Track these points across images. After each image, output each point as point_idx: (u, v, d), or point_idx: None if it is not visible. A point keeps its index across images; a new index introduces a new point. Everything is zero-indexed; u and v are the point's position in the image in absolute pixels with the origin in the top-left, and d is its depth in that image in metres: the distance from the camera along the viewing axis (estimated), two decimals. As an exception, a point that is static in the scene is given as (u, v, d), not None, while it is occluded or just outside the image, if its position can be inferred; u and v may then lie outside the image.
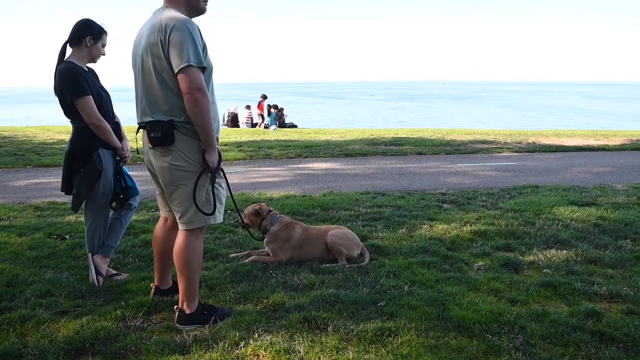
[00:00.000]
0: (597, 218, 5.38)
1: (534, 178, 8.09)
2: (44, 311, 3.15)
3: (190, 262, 2.93)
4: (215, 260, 4.14)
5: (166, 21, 2.69)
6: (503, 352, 2.70)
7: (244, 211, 4.21)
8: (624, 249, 4.42)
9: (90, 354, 2.70)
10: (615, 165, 9.47)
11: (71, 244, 4.50)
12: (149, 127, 2.81)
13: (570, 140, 13.34)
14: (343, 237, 4.14)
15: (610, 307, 3.29)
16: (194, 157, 2.82)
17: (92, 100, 3.45)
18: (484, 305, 3.22)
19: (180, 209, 2.90)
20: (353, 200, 6.35)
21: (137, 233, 4.83)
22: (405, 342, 2.76)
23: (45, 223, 5.24)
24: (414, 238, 4.70)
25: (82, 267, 3.89)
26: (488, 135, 14.54)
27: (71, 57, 3.57)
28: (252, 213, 4.16)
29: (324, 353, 2.68)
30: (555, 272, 3.86)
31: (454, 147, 11.81)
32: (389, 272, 3.80)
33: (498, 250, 4.40)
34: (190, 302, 2.99)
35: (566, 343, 2.80)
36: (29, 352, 2.67)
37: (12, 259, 4.11)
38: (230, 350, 2.71)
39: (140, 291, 3.45)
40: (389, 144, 12.35)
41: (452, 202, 6.30)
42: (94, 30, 3.57)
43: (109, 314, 3.10)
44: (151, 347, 2.73)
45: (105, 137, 3.53)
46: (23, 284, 3.58)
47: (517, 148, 11.83)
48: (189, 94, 2.67)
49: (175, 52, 2.65)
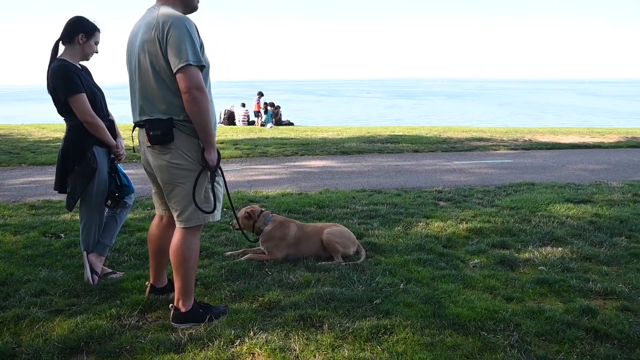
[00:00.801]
0: (592, 215, 5.39)
1: (529, 175, 8.11)
2: (39, 310, 3.13)
3: (186, 260, 2.92)
4: (211, 258, 4.13)
5: (163, 19, 2.67)
6: (498, 349, 2.71)
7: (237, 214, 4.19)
8: (619, 246, 4.43)
9: (85, 352, 2.69)
10: (611, 163, 9.50)
11: (66, 242, 4.48)
12: (147, 126, 2.79)
13: (566, 138, 13.37)
14: (339, 235, 4.14)
15: (605, 304, 3.30)
16: (193, 156, 2.81)
17: (85, 98, 3.43)
18: (480, 302, 3.23)
19: (179, 207, 2.89)
20: (349, 197, 6.35)
21: (132, 231, 4.82)
22: (400, 340, 2.76)
23: (40, 221, 5.22)
24: (410, 236, 4.71)
25: (77, 266, 3.87)
26: (484, 133, 14.57)
27: (64, 55, 3.54)
28: (244, 217, 4.13)
29: (319, 351, 2.67)
30: (551, 270, 3.87)
31: (450, 145, 11.83)
32: (385, 270, 3.80)
33: (494, 247, 4.41)
34: (186, 301, 2.98)
35: (561, 340, 2.80)
36: (23, 352, 2.66)
37: (6, 257, 4.09)
38: (225, 349, 2.70)
39: (135, 290, 3.44)
40: (385, 142, 12.36)
41: (448, 200, 6.31)
42: (87, 27, 3.55)
43: (104, 313, 3.08)
44: (146, 345, 2.72)
45: (99, 135, 3.51)
46: (17, 283, 3.57)
47: (513, 145, 11.85)
48: (188, 93, 2.65)
49: (173, 51, 2.63)
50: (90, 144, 3.50)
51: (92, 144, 3.51)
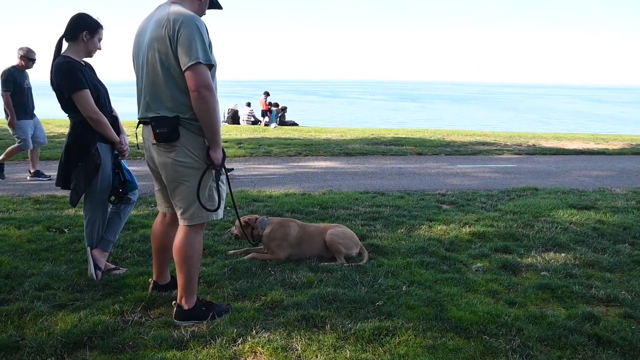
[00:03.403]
0: (595, 222, 5.38)
1: (533, 180, 8.09)
2: (42, 304, 3.15)
3: (190, 257, 2.93)
4: (214, 256, 4.14)
5: (174, 17, 2.68)
6: (500, 353, 2.71)
7: (236, 224, 4.16)
8: (622, 252, 4.42)
9: (88, 347, 2.70)
10: (615, 169, 9.48)
11: (70, 237, 4.50)
12: (154, 123, 2.80)
13: (570, 144, 13.34)
14: (342, 236, 4.14)
15: (608, 311, 3.29)
16: (198, 154, 2.82)
17: (89, 94, 3.45)
18: (482, 306, 3.23)
19: (183, 205, 2.90)
20: (352, 199, 6.35)
21: (136, 228, 4.83)
22: (402, 342, 2.77)
23: (44, 216, 5.24)
24: (413, 238, 4.71)
25: (80, 261, 3.89)
26: (488, 137, 14.54)
27: (67, 52, 3.56)
28: (243, 226, 4.03)
29: (321, 351, 2.68)
30: (553, 275, 3.86)
31: (454, 148, 11.81)
32: (388, 272, 3.80)
33: (496, 251, 4.40)
34: (189, 298, 2.99)
35: (563, 346, 2.80)
36: (27, 345, 2.67)
37: (10, 251, 4.10)
38: (227, 347, 2.71)
39: (138, 286, 3.46)
40: (389, 144, 12.34)
41: (452, 203, 6.30)
42: (90, 24, 3.56)
43: (107, 308, 3.10)
44: (149, 342, 2.74)
45: (103, 131, 3.53)
46: (21, 277, 3.58)
47: (517, 150, 11.83)
48: (197, 92, 2.66)
49: (183, 49, 2.64)
50: (94, 140, 3.52)
51: (95, 140, 3.52)
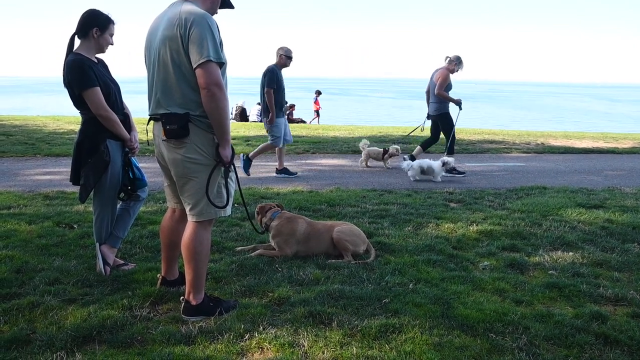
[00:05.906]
0: (604, 221, 5.35)
1: (541, 179, 8.05)
2: (52, 298, 3.19)
3: (198, 253, 2.96)
4: (221, 253, 4.17)
5: (186, 15, 2.71)
6: (506, 351, 2.71)
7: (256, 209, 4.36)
8: (630, 252, 4.40)
9: (97, 341, 2.74)
10: (625, 169, 9.40)
11: (79, 233, 4.54)
12: (164, 119, 2.83)
13: (580, 142, 13.24)
14: (349, 233, 4.15)
15: (616, 310, 3.28)
16: (208, 151, 2.84)
17: (99, 92, 3.47)
18: (489, 304, 3.23)
19: (192, 201, 2.92)
20: (360, 197, 6.36)
21: (144, 224, 4.87)
22: (409, 339, 2.78)
23: (54, 212, 5.29)
24: (420, 236, 4.71)
25: (90, 256, 3.93)
26: (497, 136, 14.46)
27: (79, 49, 3.59)
28: (256, 212, 4.32)
29: (327, 348, 2.69)
30: (561, 274, 3.85)
31: (462, 147, 11.76)
32: (394, 270, 3.81)
33: (504, 250, 4.40)
34: (197, 294, 3.02)
35: (570, 344, 2.80)
36: (38, 338, 2.72)
37: (21, 246, 4.15)
38: (235, 342, 2.74)
39: (147, 281, 3.49)
40: (396, 142, 12.32)
41: (459, 202, 6.29)
42: (100, 20, 3.57)
43: (116, 303, 3.13)
44: (157, 336, 2.76)
45: (113, 129, 3.55)
46: (32, 271, 3.63)
47: (525, 149, 11.76)
48: (207, 89, 2.68)
49: (195, 46, 2.66)
50: (104, 137, 3.54)
51: (105, 137, 3.55)
